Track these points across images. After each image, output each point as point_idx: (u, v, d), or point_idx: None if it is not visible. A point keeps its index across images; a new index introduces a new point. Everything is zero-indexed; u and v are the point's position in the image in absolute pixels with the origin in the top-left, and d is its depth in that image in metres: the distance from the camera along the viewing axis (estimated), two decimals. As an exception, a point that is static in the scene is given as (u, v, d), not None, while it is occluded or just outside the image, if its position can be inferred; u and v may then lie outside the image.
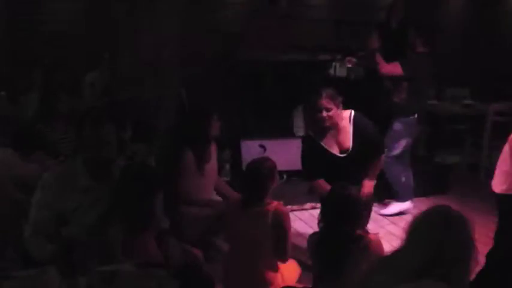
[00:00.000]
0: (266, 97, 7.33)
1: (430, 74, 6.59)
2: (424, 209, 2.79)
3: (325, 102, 4.79)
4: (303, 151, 5.09)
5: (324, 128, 4.89)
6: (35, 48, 7.50)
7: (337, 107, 4.85)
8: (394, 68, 6.35)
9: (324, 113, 4.80)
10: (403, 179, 6.63)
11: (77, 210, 3.46)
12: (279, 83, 7.57)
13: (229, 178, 6.19)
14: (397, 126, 6.46)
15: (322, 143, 4.94)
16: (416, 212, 2.89)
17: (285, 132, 7.29)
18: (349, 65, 6.87)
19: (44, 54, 7.35)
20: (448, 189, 7.28)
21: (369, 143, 4.91)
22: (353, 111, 4.98)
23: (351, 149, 4.91)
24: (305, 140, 5.16)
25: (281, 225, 4.05)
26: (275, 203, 4.12)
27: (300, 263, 4.48)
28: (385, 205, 6.67)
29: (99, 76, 7.45)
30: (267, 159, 4.31)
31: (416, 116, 6.52)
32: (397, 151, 6.52)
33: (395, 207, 6.64)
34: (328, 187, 4.66)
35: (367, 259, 3.43)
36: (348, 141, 4.92)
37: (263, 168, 4.16)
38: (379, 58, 6.43)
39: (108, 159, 3.60)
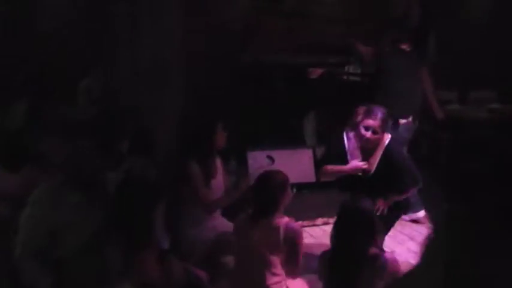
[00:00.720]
0: (274, 103, 7.33)
1: (410, 75, 6.50)
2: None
3: (376, 124, 4.88)
4: (328, 149, 5.40)
5: (362, 148, 5.02)
6: (23, 52, 7.52)
7: (384, 132, 4.94)
8: (365, 50, 6.52)
9: (369, 134, 4.88)
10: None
11: (69, 227, 3.48)
12: (289, 87, 7.57)
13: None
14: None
15: (348, 154, 5.10)
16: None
17: (295, 141, 7.27)
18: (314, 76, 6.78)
19: (33, 58, 7.35)
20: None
21: (393, 171, 4.96)
22: (390, 137, 5.04)
23: (371, 174, 5.01)
24: (335, 142, 5.29)
25: (294, 242, 4.14)
26: (286, 219, 4.18)
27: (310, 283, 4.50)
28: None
29: (94, 82, 7.46)
30: (279, 171, 4.37)
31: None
32: None
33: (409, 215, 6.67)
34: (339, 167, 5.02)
35: (383, 280, 3.44)
36: (373, 165, 5.01)
37: (275, 181, 4.22)
38: (356, 44, 6.59)
39: (96, 174, 3.63)
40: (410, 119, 6.56)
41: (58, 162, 5.45)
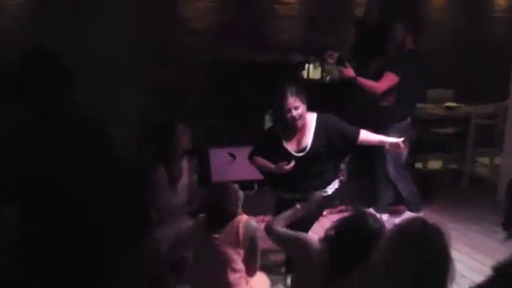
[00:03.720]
0: (236, 100, 7.37)
1: (422, 73, 6.51)
2: (398, 224, 2.89)
3: (292, 101, 4.97)
4: (261, 142, 5.37)
5: (294, 128, 5.09)
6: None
7: (304, 104, 5.04)
8: (390, 81, 6.31)
9: (294, 112, 4.99)
10: (413, 188, 6.81)
11: None
12: (249, 85, 7.60)
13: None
14: (393, 135, 5.99)
15: (284, 143, 5.15)
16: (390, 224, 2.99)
17: (256, 138, 7.31)
18: (331, 61, 6.50)
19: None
20: (430, 198, 7.43)
21: (341, 136, 5.13)
22: (316, 114, 5.18)
23: (308, 149, 5.08)
24: (268, 134, 5.41)
25: (252, 238, 4.26)
26: (244, 218, 4.30)
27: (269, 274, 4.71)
28: (397, 213, 6.82)
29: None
30: (228, 185, 4.39)
31: (409, 120, 6.53)
32: (401, 162, 6.60)
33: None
34: (266, 163, 5.13)
35: None
36: (307, 140, 5.10)
37: (227, 197, 4.29)
38: (365, 81, 6.38)
39: None
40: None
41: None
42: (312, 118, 5.14)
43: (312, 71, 7.70)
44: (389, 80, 6.31)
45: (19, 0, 7.90)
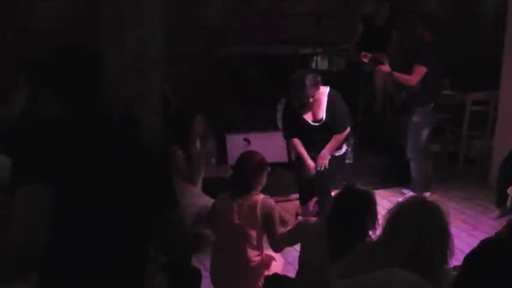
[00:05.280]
0: (251, 91, 7.32)
1: (441, 62, 6.66)
2: (400, 201, 2.81)
3: (310, 91, 5.31)
4: (284, 115, 5.88)
5: (308, 106, 5.45)
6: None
7: (319, 89, 5.38)
8: (420, 73, 6.43)
9: (311, 99, 5.35)
10: (427, 171, 6.85)
11: None
12: (263, 76, 7.55)
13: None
14: (416, 118, 6.61)
15: (301, 114, 5.51)
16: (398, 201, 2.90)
17: (269, 125, 7.28)
18: (365, 61, 6.69)
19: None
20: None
21: (336, 116, 5.49)
22: (329, 88, 5.51)
23: (323, 120, 5.47)
24: (287, 107, 5.77)
25: (269, 216, 4.15)
26: (261, 196, 4.21)
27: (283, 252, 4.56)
28: (403, 195, 6.62)
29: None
30: (258, 152, 4.38)
31: (432, 105, 6.63)
32: (422, 143, 6.68)
33: None
34: (301, 149, 5.60)
35: None
36: (322, 112, 5.47)
37: (254, 161, 4.24)
38: (400, 75, 6.57)
39: None
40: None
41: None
42: (324, 92, 5.47)
43: (320, 62, 7.69)
44: (420, 72, 6.44)
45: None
